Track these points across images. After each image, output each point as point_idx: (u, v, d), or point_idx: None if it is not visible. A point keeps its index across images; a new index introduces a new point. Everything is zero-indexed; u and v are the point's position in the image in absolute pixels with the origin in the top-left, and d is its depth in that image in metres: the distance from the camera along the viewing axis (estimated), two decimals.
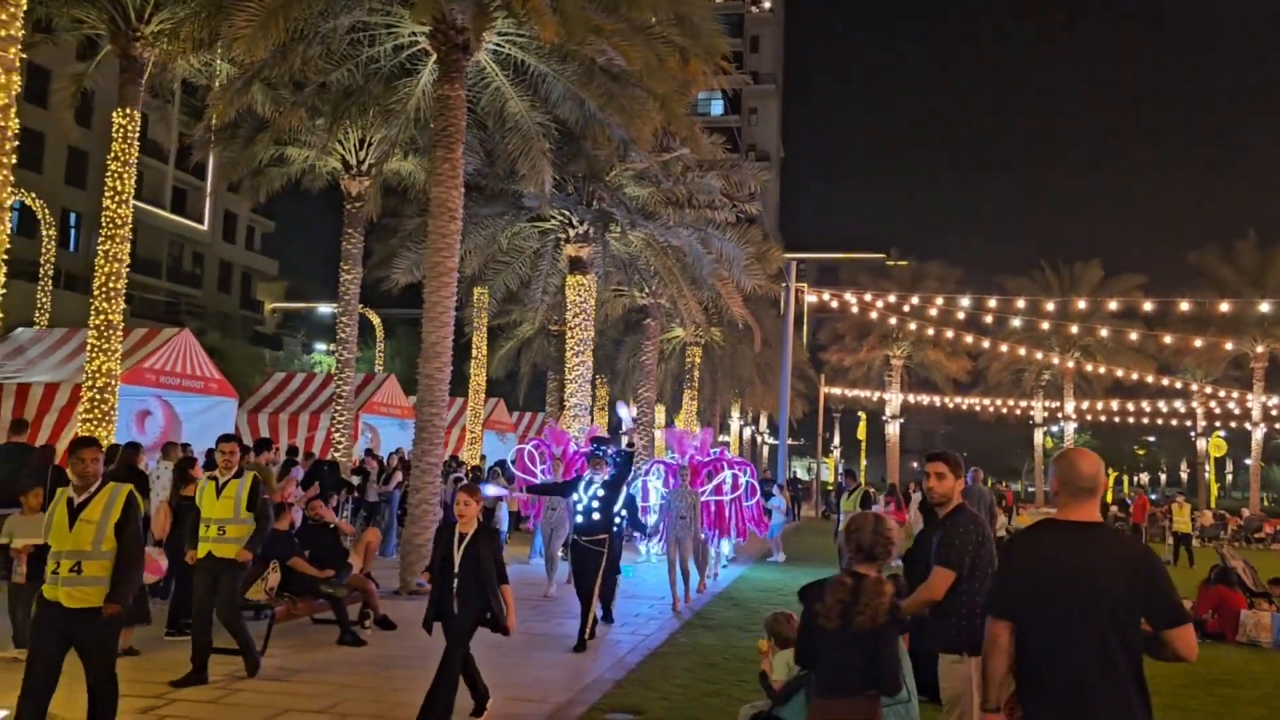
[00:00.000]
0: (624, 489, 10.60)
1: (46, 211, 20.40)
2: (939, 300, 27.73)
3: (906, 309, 27.71)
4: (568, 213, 19.02)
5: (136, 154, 14.26)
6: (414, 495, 13.38)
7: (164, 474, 12.11)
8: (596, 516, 10.09)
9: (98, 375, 13.60)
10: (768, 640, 5.94)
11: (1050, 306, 30.57)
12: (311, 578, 9.82)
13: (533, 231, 20.33)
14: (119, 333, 13.86)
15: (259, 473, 12.13)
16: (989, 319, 29.70)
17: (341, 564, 10.32)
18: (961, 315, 28.94)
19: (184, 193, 52.69)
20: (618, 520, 10.88)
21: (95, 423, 13.56)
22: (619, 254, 20.46)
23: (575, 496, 10.29)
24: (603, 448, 11.04)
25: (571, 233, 19.30)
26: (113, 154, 14.05)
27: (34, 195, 21.35)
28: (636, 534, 15.35)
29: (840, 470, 14.48)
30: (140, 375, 15.68)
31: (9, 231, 9.55)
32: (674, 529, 12.99)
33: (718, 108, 74.42)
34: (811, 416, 50.11)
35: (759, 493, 17.18)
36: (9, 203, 9.57)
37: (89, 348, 13.71)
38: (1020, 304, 27.60)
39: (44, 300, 20.13)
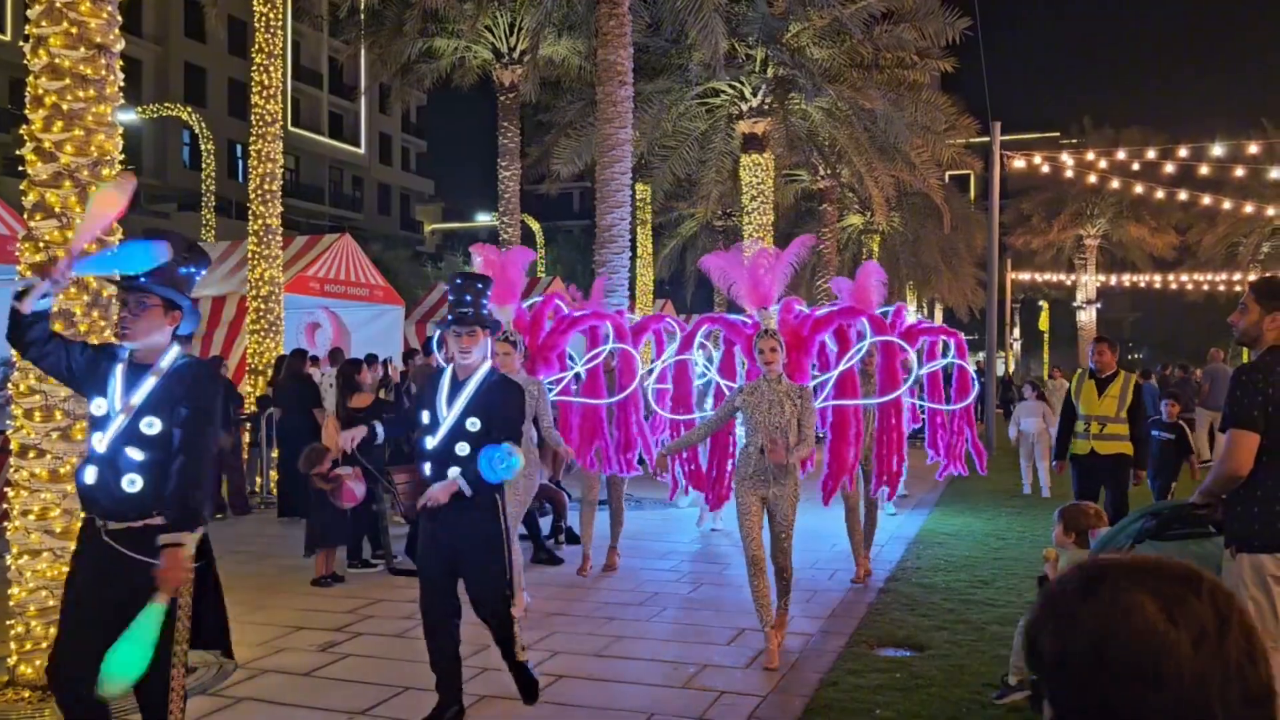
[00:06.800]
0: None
1: (204, 126, 19.91)
2: (1151, 153, 23.67)
3: (1131, 166, 23.50)
4: (740, 83, 17.07)
5: (287, 23, 13.14)
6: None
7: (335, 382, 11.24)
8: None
9: (260, 283, 12.84)
10: (1063, 533, 5.01)
11: None
12: None
13: (700, 110, 18.48)
14: (278, 237, 13.03)
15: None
16: (1205, 170, 25.36)
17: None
18: (1172, 168, 24.50)
19: (339, 117, 53.02)
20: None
21: (262, 334, 12.85)
22: (796, 128, 18.39)
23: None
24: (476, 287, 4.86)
25: (745, 106, 17.36)
26: (258, 15, 12.95)
27: (192, 112, 20.95)
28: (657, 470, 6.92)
29: (1090, 353, 6.73)
30: (304, 284, 14.91)
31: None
32: (745, 474, 5.70)
33: None
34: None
35: (973, 385, 9.89)
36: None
37: (250, 254, 12.96)
38: (1254, 148, 23.37)
39: (209, 218, 19.79)
